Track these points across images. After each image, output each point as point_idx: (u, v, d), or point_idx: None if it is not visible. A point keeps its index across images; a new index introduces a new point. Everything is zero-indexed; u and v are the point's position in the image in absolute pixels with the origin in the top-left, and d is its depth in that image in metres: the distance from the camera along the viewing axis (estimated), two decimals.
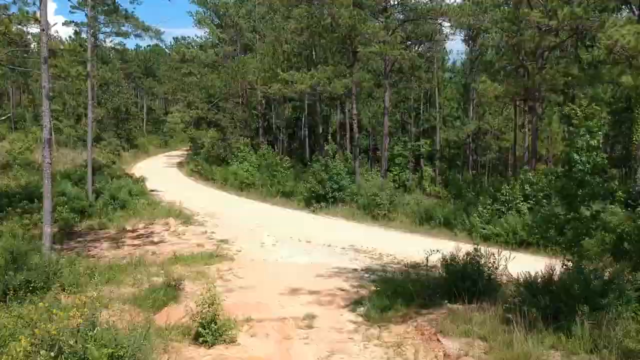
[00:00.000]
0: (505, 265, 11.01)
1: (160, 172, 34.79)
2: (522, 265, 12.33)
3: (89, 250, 16.11)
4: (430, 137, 38.28)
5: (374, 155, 40.07)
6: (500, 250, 11.15)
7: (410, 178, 39.71)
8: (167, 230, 18.38)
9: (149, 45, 77.29)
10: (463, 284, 10.13)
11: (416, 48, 39.23)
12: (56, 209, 19.15)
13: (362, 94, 33.73)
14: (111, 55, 69.08)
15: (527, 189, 16.98)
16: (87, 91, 45.59)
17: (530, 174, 17.34)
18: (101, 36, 28.31)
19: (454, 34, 34.28)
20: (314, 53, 27.18)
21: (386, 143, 27.21)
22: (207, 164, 32.10)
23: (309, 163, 28.87)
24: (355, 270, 13.06)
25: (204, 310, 8.76)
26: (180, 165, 39.13)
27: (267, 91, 24.27)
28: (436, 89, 36.97)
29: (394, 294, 10.47)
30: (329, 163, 22.63)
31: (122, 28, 22.24)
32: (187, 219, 19.52)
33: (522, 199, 16.94)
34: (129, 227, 18.81)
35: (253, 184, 26.69)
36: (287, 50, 28.83)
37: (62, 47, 23.85)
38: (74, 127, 45.16)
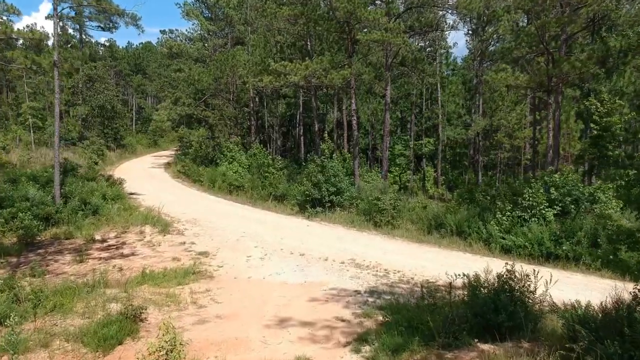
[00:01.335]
0: (546, 289, 8.85)
1: (145, 173, 32.52)
2: (557, 285, 10.22)
3: (47, 265, 13.88)
4: (432, 136, 36.17)
5: (373, 156, 37.93)
6: (536, 271, 8.96)
7: (412, 179, 37.64)
8: (142, 240, 16.16)
9: (141, 43, 75.32)
10: (496, 316, 7.98)
11: (417, 43, 37.21)
12: (17, 216, 16.95)
13: (361, 89, 31.56)
14: (101, 51, 67.11)
15: (552, 193, 14.82)
16: (71, 87, 43.62)
17: (556, 175, 15.19)
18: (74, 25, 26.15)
19: (457, 25, 32.18)
20: (309, 43, 25.00)
21: (387, 142, 25.02)
22: (195, 165, 29.82)
23: (303, 164, 26.66)
24: (358, 292, 10.87)
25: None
26: (167, 166, 36.82)
27: (258, 84, 22.03)
28: (438, 84, 34.84)
29: (409, 329, 8.32)
30: (326, 163, 20.41)
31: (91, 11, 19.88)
32: (165, 226, 17.28)
33: (546, 204, 14.80)
34: (98, 237, 16.56)
35: (242, 187, 24.43)
36: (280, 41, 26.62)
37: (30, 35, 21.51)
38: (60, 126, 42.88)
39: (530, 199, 14.75)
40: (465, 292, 9.15)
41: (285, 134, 37.20)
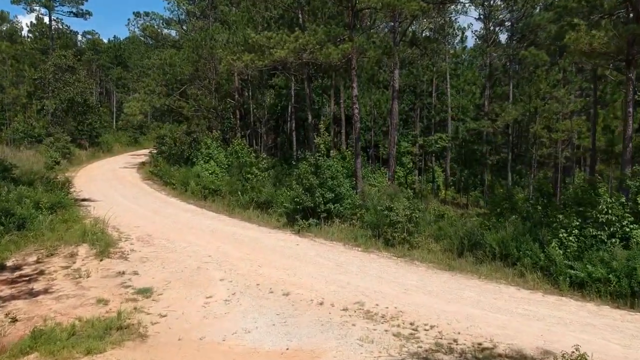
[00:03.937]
0: None
1: (112, 175, 28.08)
2: None
3: None
4: (442, 132, 31.82)
5: (374, 154, 33.58)
6: None
7: (419, 181, 33.40)
8: (68, 267, 11.77)
9: (127, 37, 71.28)
10: None
11: (423, 32, 33.00)
12: None
13: (362, 76, 27.22)
14: (80, 43, 62.51)
15: None
16: (37, 78, 39.05)
17: None
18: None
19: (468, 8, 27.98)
20: (300, 16, 20.71)
21: (394, 136, 20.73)
22: (167, 165, 25.39)
23: (294, 163, 22.29)
24: None
25: None
26: (141, 166, 32.35)
27: (236, 63, 17.72)
28: (447, 71, 30.61)
29: None
30: (321, 162, 16.05)
31: None
32: (106, 246, 12.91)
33: (631, 218, 10.55)
34: (10, 263, 12.17)
35: (219, 191, 20.04)
36: (267, 17, 22.31)
37: None
38: (23, 122, 38.41)
39: (609, 211, 10.48)
40: None
41: (275, 129, 32.80)
